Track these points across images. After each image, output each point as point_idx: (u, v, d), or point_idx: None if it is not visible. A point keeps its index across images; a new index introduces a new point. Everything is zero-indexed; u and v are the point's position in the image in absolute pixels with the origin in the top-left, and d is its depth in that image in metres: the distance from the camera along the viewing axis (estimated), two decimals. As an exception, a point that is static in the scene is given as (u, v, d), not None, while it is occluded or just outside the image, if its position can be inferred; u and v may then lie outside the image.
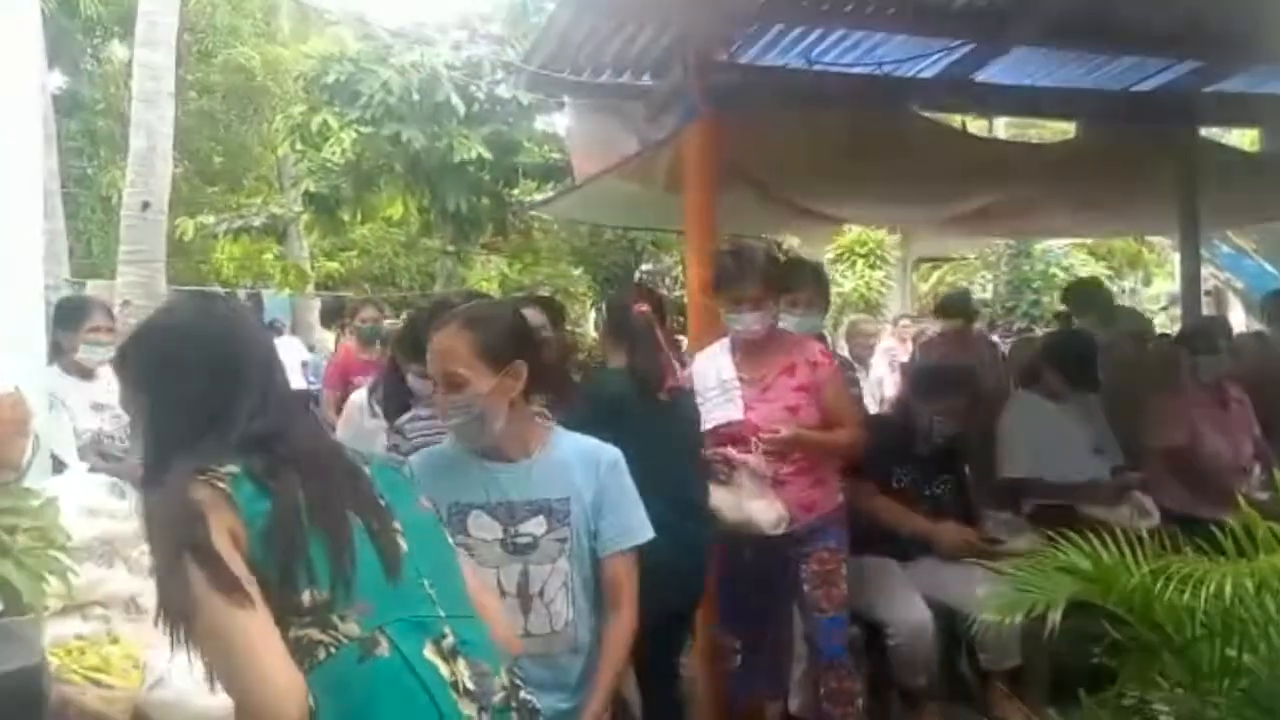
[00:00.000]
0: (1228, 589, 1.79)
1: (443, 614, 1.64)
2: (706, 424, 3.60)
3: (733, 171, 5.06)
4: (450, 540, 1.84)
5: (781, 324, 3.82)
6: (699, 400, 3.65)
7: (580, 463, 2.39)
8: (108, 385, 4.64)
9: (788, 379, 3.66)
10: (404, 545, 1.66)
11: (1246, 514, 2.02)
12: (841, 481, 3.78)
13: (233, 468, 1.57)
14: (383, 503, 1.70)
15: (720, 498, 3.48)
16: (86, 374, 4.59)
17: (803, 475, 3.62)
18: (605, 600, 2.40)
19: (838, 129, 5.26)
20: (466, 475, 2.39)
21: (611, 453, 2.45)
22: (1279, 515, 2.06)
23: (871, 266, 15.41)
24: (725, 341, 3.81)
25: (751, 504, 3.46)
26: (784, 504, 3.48)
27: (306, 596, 1.53)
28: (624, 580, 2.39)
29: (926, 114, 5.86)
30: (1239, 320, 12.01)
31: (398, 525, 1.69)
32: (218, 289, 18.56)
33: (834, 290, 15.29)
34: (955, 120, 6.64)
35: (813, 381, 3.65)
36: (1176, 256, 9.70)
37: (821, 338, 4.14)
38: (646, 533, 2.44)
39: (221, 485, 1.54)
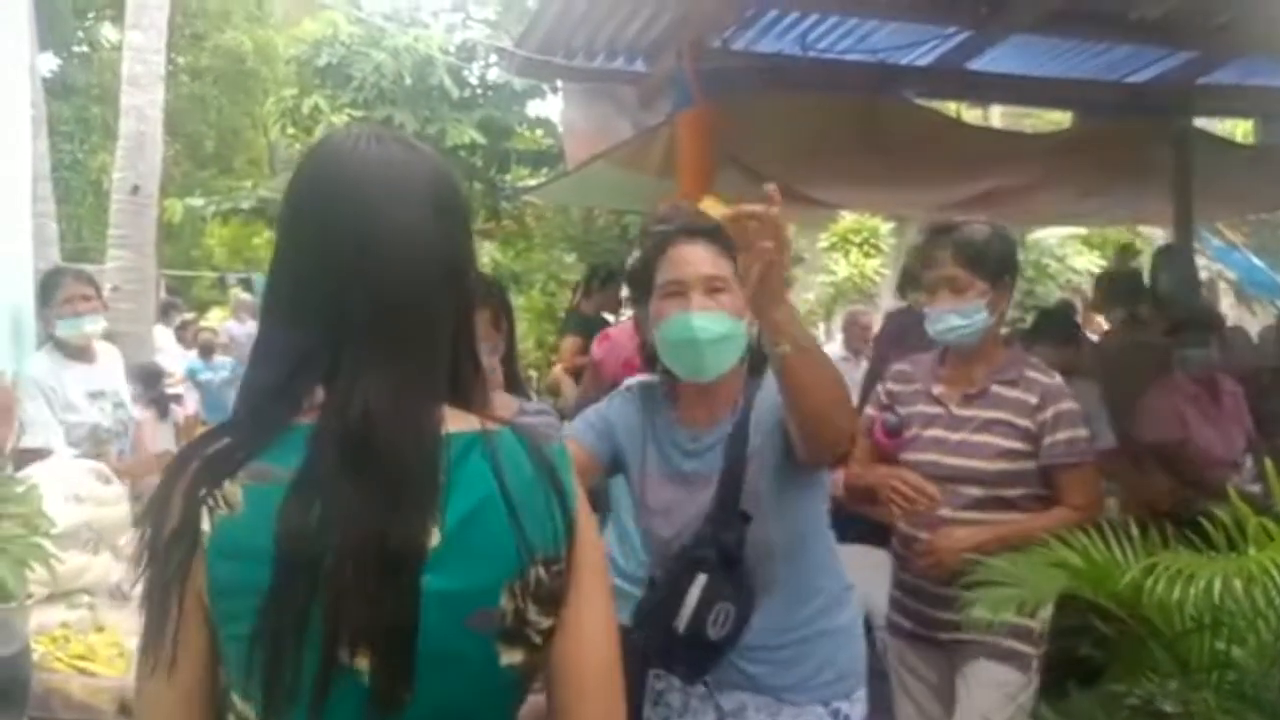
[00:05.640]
0: (1217, 586, 1.78)
1: None
2: None
3: (726, 157, 5.04)
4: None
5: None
6: None
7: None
8: (108, 367, 4.18)
9: None
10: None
11: (1237, 508, 2.01)
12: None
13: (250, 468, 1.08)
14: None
15: None
16: (80, 354, 4.02)
17: None
18: None
19: (832, 116, 5.26)
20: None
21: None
22: (1270, 508, 2.06)
23: (866, 255, 15.38)
24: None
25: None
26: None
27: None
28: None
29: (921, 102, 5.85)
30: (1230, 311, 12.03)
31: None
32: (209, 273, 18.52)
33: (827, 279, 15.41)
34: (950, 108, 6.63)
35: None
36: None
37: None
38: None
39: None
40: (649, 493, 2.11)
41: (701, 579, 1.95)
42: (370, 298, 1.10)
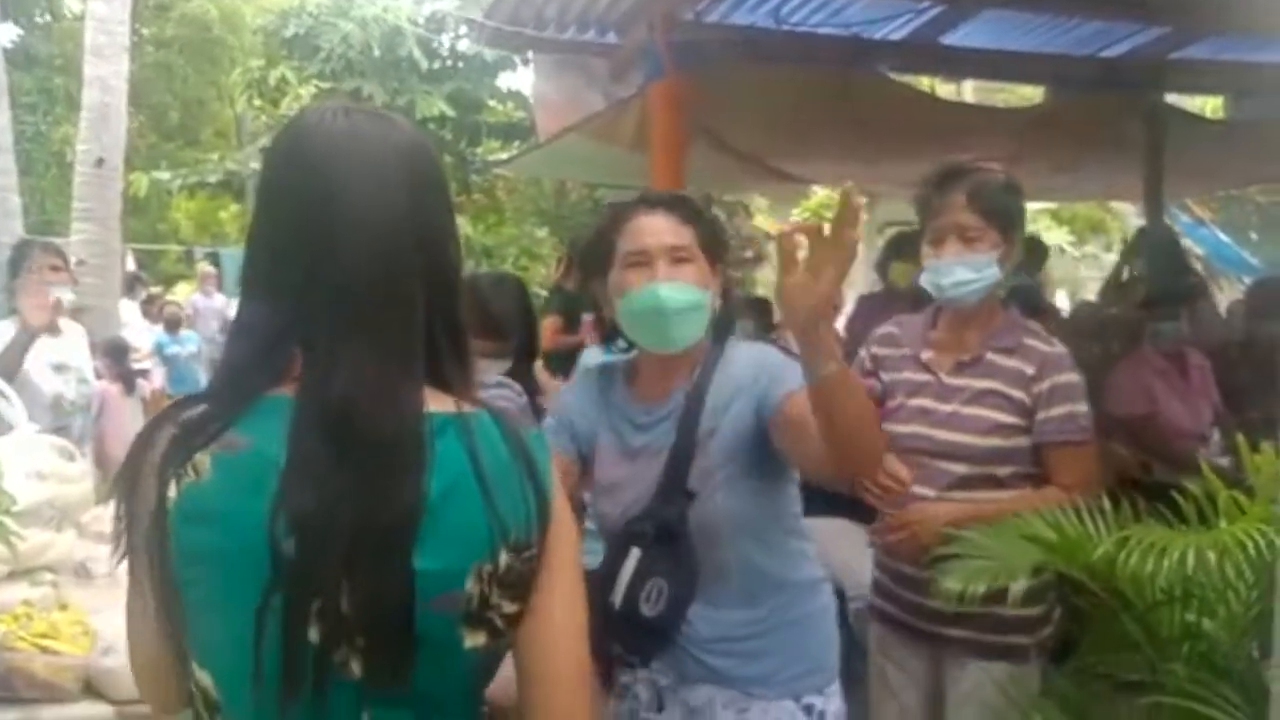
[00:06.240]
0: (1190, 558, 1.79)
1: None
2: None
3: (699, 131, 5.01)
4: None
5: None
6: None
7: None
8: (73, 342, 4.20)
9: None
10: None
11: (1208, 481, 2.02)
12: None
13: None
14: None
15: None
16: (45, 325, 3.93)
17: None
18: None
19: (805, 90, 5.23)
20: None
21: None
22: (1240, 481, 2.07)
23: (838, 230, 15.40)
24: None
25: None
26: None
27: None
28: None
29: (894, 76, 5.83)
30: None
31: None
32: (175, 247, 18.31)
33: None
34: (923, 83, 6.61)
35: None
36: (1139, 223, 9.75)
37: None
38: None
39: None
40: (600, 471, 2.03)
41: (635, 553, 1.88)
42: (342, 270, 1.09)
